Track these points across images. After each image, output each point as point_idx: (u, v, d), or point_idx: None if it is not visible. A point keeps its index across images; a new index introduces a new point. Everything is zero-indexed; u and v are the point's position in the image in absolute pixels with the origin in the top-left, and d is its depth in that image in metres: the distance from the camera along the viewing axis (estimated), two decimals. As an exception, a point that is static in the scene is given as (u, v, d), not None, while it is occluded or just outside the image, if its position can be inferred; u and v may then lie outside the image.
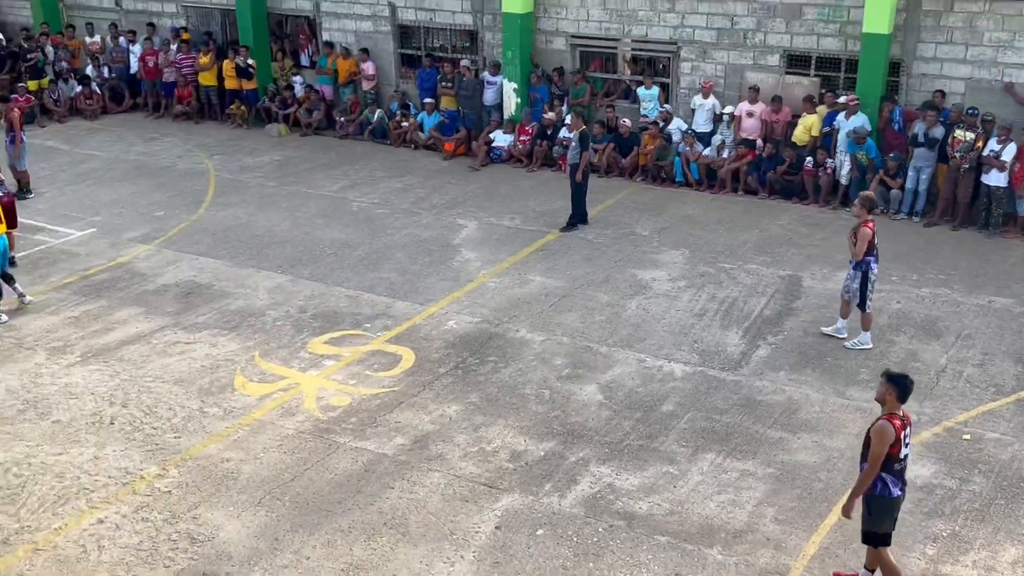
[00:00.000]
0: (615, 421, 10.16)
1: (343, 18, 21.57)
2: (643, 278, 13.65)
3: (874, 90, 16.33)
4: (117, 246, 14.87)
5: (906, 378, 7.26)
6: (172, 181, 18.04)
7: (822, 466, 9.38)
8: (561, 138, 18.33)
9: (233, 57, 21.65)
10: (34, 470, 9.39)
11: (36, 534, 8.51)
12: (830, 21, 16.96)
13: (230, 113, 21.84)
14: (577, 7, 19.02)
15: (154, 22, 23.46)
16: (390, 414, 10.32)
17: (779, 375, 11.06)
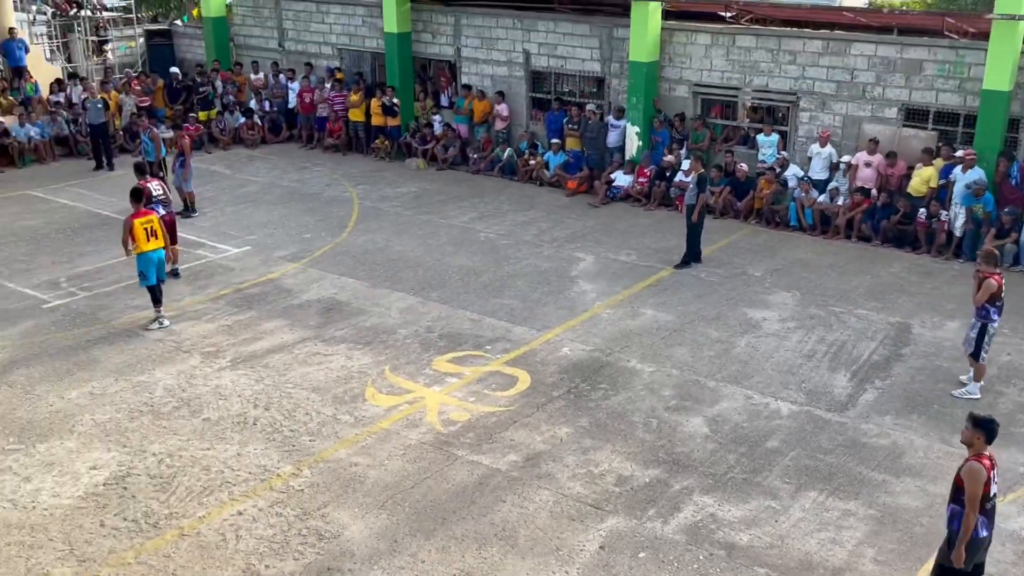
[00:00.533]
0: (720, 454, 9.95)
1: (481, 63, 21.92)
2: (753, 317, 13.37)
3: (992, 145, 15.72)
4: (268, 263, 15.36)
5: (992, 421, 7.12)
6: (320, 206, 18.57)
7: (924, 511, 8.98)
8: (678, 180, 18.19)
9: (380, 96, 22.24)
10: (184, 462, 9.74)
11: (182, 520, 8.81)
12: (950, 77, 16.43)
13: (375, 147, 22.40)
14: (701, 58, 18.89)
15: (311, 62, 24.30)
16: (505, 432, 10.34)
17: (885, 419, 10.66)
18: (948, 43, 16.43)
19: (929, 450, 10.01)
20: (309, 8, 24.74)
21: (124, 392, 11.16)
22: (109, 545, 8.47)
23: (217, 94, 24.07)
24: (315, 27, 24.74)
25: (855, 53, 17.28)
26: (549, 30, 20.74)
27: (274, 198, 18.94)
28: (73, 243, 16.20)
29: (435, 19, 22.39)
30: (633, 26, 18.90)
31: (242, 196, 19.15)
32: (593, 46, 20.21)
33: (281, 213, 18.01)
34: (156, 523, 8.77)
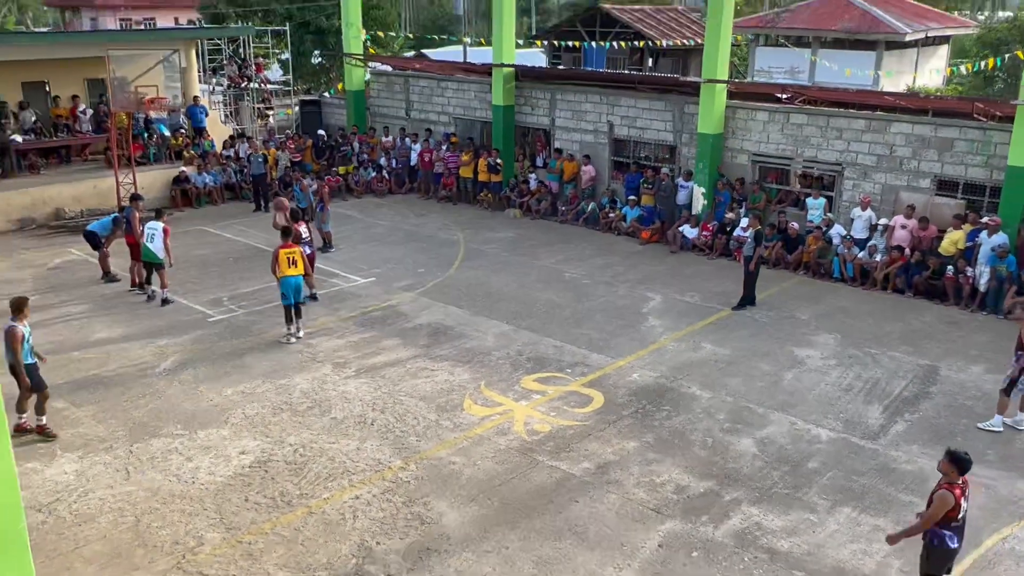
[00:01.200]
0: (766, 471, 9.67)
1: (571, 131, 22.02)
2: (799, 355, 13.00)
3: (1015, 214, 15.06)
4: (389, 292, 15.62)
5: (966, 460, 7.10)
6: (433, 247, 18.83)
7: (948, 532, 8.54)
8: (738, 235, 17.89)
9: (487, 157, 22.51)
10: (314, 452, 9.92)
11: (310, 500, 8.97)
12: (978, 153, 15.84)
13: (480, 199, 22.65)
14: (759, 132, 18.63)
15: (431, 128, 24.78)
16: (580, 443, 10.25)
17: (913, 448, 10.22)
18: (977, 125, 15.88)
19: (954, 478, 9.54)
20: (431, 84, 25.28)
21: (269, 392, 11.46)
22: (251, 517, 8.67)
23: (354, 152, 24.72)
24: (435, 100, 25.25)
25: (894, 131, 16.82)
26: (630, 105, 20.74)
27: (396, 239, 19.31)
28: (234, 269, 16.79)
29: (534, 95, 22.62)
30: (702, 104, 18.78)
31: (370, 236, 19.57)
32: (667, 119, 20.12)
33: (401, 251, 18.33)
34: (289, 501, 8.95)
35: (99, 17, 54.47)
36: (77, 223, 19.89)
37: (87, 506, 8.82)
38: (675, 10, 37.59)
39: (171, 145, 23.40)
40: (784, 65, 33.15)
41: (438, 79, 25.17)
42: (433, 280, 16.38)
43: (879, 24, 30.38)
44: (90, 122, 23.05)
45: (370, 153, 24.93)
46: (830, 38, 31.81)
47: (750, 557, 8.11)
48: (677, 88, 20.33)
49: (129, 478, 9.34)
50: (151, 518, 8.61)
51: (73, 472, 9.45)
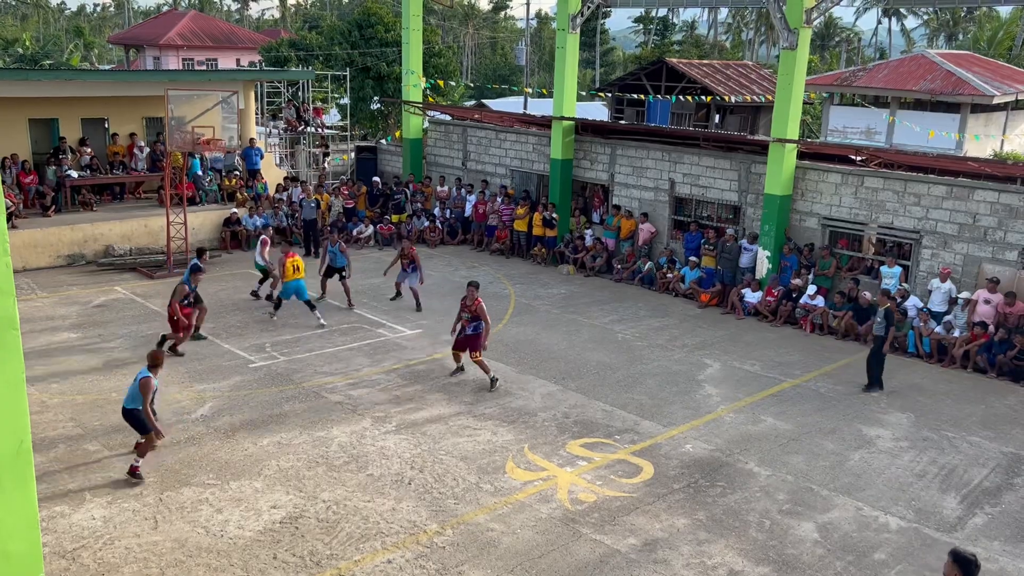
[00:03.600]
0: (828, 559, 9.30)
1: (631, 188, 22.08)
2: (868, 434, 12.59)
3: (1111, 292, 14.51)
4: (435, 345, 15.65)
5: (972, 563, 6.24)
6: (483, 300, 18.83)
7: (1031, 640, 8.07)
8: (804, 302, 17.59)
9: (542, 211, 22.67)
10: (347, 510, 9.86)
11: (340, 562, 8.88)
12: (1070, 225, 15.38)
13: (534, 253, 22.74)
14: (831, 194, 18.42)
15: (487, 179, 25.10)
16: (627, 516, 10.02)
17: (993, 544, 9.73)
18: (1071, 194, 15.45)
19: (1038, 580, 9.05)
20: (489, 135, 25.69)
21: (305, 444, 11.49)
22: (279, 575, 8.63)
23: (408, 200, 25.13)
24: (493, 151, 25.62)
25: (978, 199, 16.46)
26: (693, 163, 20.74)
27: (446, 290, 19.41)
28: (279, 315, 16.99)
29: (594, 149, 22.80)
30: (770, 164, 18.68)
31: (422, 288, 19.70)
32: (732, 178, 20.05)
33: (451, 303, 18.33)
34: (319, 561, 8.88)
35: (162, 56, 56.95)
36: (125, 261, 20.50)
37: (112, 555, 8.88)
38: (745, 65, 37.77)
39: (224, 186, 24.09)
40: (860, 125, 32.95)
41: (496, 130, 25.57)
42: (481, 335, 16.37)
43: (964, 85, 30.05)
44: (146, 160, 23.90)
45: (424, 203, 25.30)
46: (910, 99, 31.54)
47: (808, 654, 7.76)
48: (744, 146, 20.30)
49: (157, 527, 9.39)
50: (176, 571, 8.61)
51: (101, 518, 9.54)
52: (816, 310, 17.45)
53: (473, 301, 13.83)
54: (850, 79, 33.04)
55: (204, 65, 56.52)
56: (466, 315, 13.88)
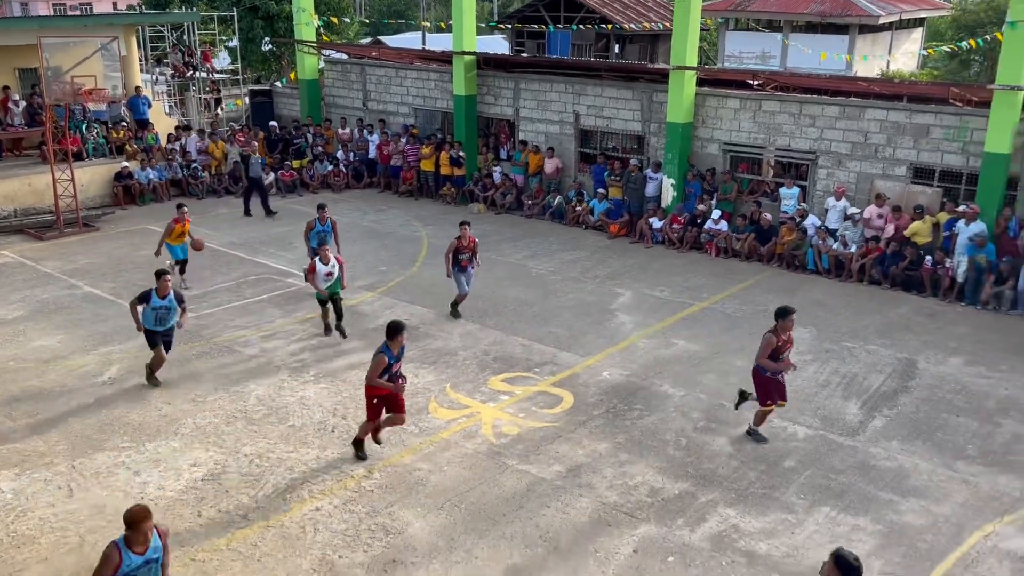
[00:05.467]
0: (742, 471, 9.78)
1: (536, 122, 22.07)
2: (774, 349, 13.15)
3: (993, 202, 15.40)
4: (348, 292, 15.47)
5: (855, 567, 5.72)
6: (394, 244, 18.76)
7: (928, 529, 8.73)
8: (708, 227, 18.08)
9: (448, 149, 22.49)
10: (271, 462, 9.82)
11: (268, 514, 8.88)
12: (954, 140, 16.16)
13: (443, 193, 22.62)
14: (730, 120, 18.82)
15: (385, 119, 24.66)
16: (550, 445, 10.29)
17: (892, 444, 10.40)
18: (953, 110, 16.20)
19: (933, 473, 9.74)
20: (389, 74, 25.18)
21: (222, 400, 11.33)
22: (205, 532, 8.57)
23: (309, 145, 24.52)
24: (394, 89, 25.14)
25: (869, 118, 17.10)
26: (596, 94, 20.83)
27: (355, 236, 19.18)
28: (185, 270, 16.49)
29: (497, 84, 22.62)
30: (671, 92, 18.92)
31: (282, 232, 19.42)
32: (635, 108, 20.25)
33: (361, 249, 18.22)
34: (246, 515, 8.85)
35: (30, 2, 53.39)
36: (11, 223, 19.49)
37: (26, 527, 8.64)
38: (642, -7, 37.74)
39: (112, 139, 23.01)
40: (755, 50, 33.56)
41: (396, 68, 25.07)
42: (395, 278, 16.32)
43: (852, 7, 30.87)
44: (23, 115, 22.56)
45: (325, 146, 24.75)
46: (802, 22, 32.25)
47: (727, 561, 8.20)
48: (645, 75, 20.47)
49: (72, 495, 9.17)
50: (97, 537, 8.44)
51: (10, 491, 9.25)
52: (720, 234, 17.97)
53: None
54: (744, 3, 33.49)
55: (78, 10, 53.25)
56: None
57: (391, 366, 9.34)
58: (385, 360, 9.24)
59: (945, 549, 8.38)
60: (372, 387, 9.48)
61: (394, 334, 9.27)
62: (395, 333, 9.27)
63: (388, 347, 9.30)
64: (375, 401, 9.60)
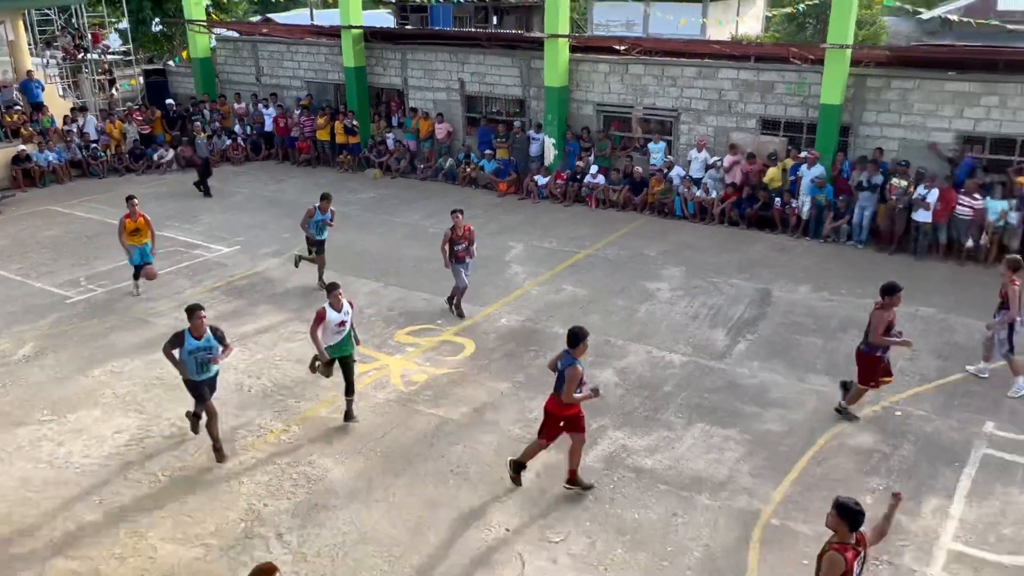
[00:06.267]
0: (627, 397, 10.10)
1: (424, 90, 21.70)
2: (650, 288, 13.55)
3: (829, 147, 16.12)
4: (255, 260, 15.06)
5: (858, 512, 5.40)
6: (295, 211, 18.13)
7: (787, 435, 9.25)
8: (587, 181, 18.31)
9: (342, 119, 21.90)
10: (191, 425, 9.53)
11: (193, 472, 8.64)
12: (795, 95, 16.78)
13: (339, 161, 22.07)
14: (602, 83, 18.98)
15: (276, 92, 23.77)
16: (456, 389, 10.35)
17: (754, 364, 10.92)
18: (793, 68, 16.78)
19: (788, 387, 10.29)
20: (280, 49, 24.21)
21: (139, 369, 10.87)
22: (132, 494, 8.29)
23: (207, 121, 23.43)
24: (286, 64, 24.21)
25: (722, 77, 17.54)
26: (479, 62, 20.62)
27: (257, 206, 18.57)
28: (89, 248, 15.69)
29: (385, 55, 22.09)
30: (546, 58, 18.91)
31: (230, 205, 18.73)
32: (515, 75, 20.16)
33: (264, 218, 17.67)
34: (171, 475, 8.60)
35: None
36: (-94, 211, 17.98)
37: (-48, 504, 8.15)
38: (516, -33, 37.37)
39: (6, 123, 21.38)
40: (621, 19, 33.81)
41: (287, 43, 24.12)
42: (299, 244, 15.87)
43: (703, -23, 31.38)
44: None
45: (222, 121, 23.69)
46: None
47: (619, 477, 8.50)
48: (522, 43, 20.37)
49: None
50: (25, 509, 8.06)
51: (-68, 471, 8.69)
52: (598, 188, 18.24)
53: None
54: (608, -25, 33.60)
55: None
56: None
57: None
58: (579, 371, 7.73)
59: (801, 450, 8.92)
60: (568, 405, 7.88)
61: (579, 341, 7.77)
62: (580, 340, 7.77)
63: (573, 356, 7.75)
64: (562, 424, 8.02)
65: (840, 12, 15.63)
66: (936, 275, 14.03)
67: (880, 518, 5.78)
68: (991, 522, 7.72)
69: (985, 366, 10.43)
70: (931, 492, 8.16)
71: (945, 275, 14.05)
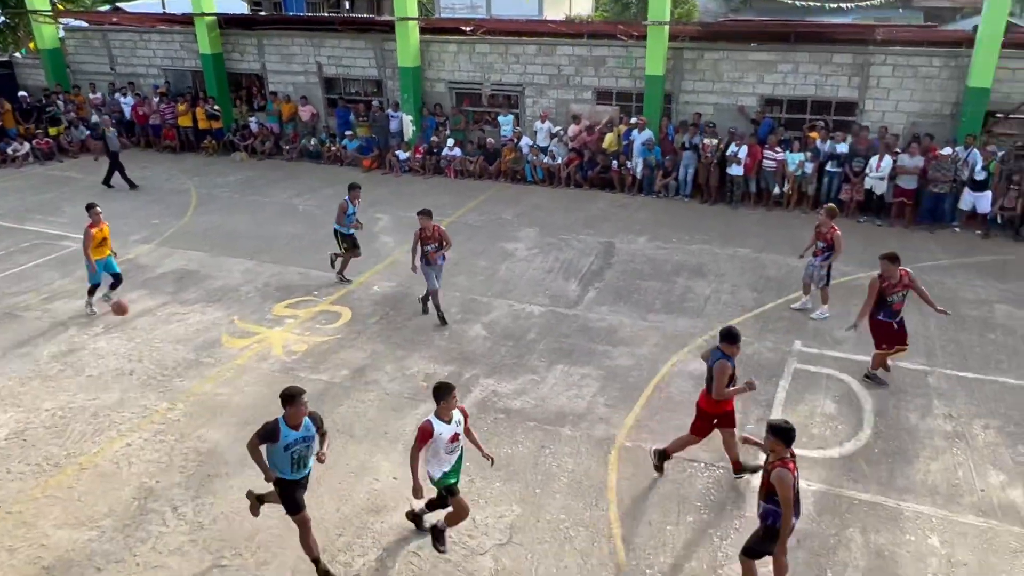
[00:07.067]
0: (494, 348, 10.22)
1: (283, 74, 20.75)
2: (509, 248, 13.69)
3: (655, 113, 16.73)
4: (125, 247, 14.02)
5: (789, 430, 5.55)
6: (163, 197, 17.12)
7: (634, 367, 9.66)
8: (445, 154, 18.18)
9: (203, 105, 20.62)
10: (74, 412, 8.86)
11: (80, 457, 8.06)
12: (624, 68, 17.25)
13: (204, 146, 20.81)
14: (452, 62, 18.79)
15: (132, 81, 22.05)
16: (336, 354, 10.13)
17: (603, 309, 11.30)
18: (621, 43, 17.22)
19: (633, 326, 10.74)
20: (133, 38, 22.38)
21: (12, 363, 9.96)
22: (17, 487, 7.64)
23: (62, 112, 21.42)
24: (141, 52, 22.44)
25: (560, 53, 17.77)
26: (334, 46, 19.90)
27: (123, 194, 17.28)
28: None
29: (241, 41, 20.89)
30: (398, 40, 18.50)
31: (95, 195, 17.27)
32: (370, 56, 19.61)
33: (131, 205, 16.46)
34: (57, 463, 7.98)
35: None
36: None
37: None
38: (363, -46, 36.09)
39: None
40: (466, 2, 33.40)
41: (140, 32, 22.32)
42: (169, 229, 14.96)
43: (537, -38, 31.45)
44: None
45: (78, 112, 21.73)
46: (500, -25, 32.44)
47: (492, 419, 8.63)
48: (375, 27, 19.80)
49: None
50: (-101, 514, 7.27)
51: None
52: (455, 159, 18.16)
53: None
54: (451, -39, 33.03)
55: None
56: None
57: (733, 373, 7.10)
58: (729, 367, 7.01)
59: (647, 379, 9.37)
60: (719, 401, 7.14)
61: (734, 341, 7.01)
62: (735, 340, 7.02)
63: (724, 353, 7.03)
64: (715, 422, 7.30)
65: (657, -8, 16.13)
66: (749, 220, 14.96)
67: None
68: (803, 424, 8.42)
69: (807, 300, 10.97)
70: (755, 404, 8.78)
71: (756, 220, 15.01)
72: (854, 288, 11.49)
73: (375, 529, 7.08)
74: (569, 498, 7.41)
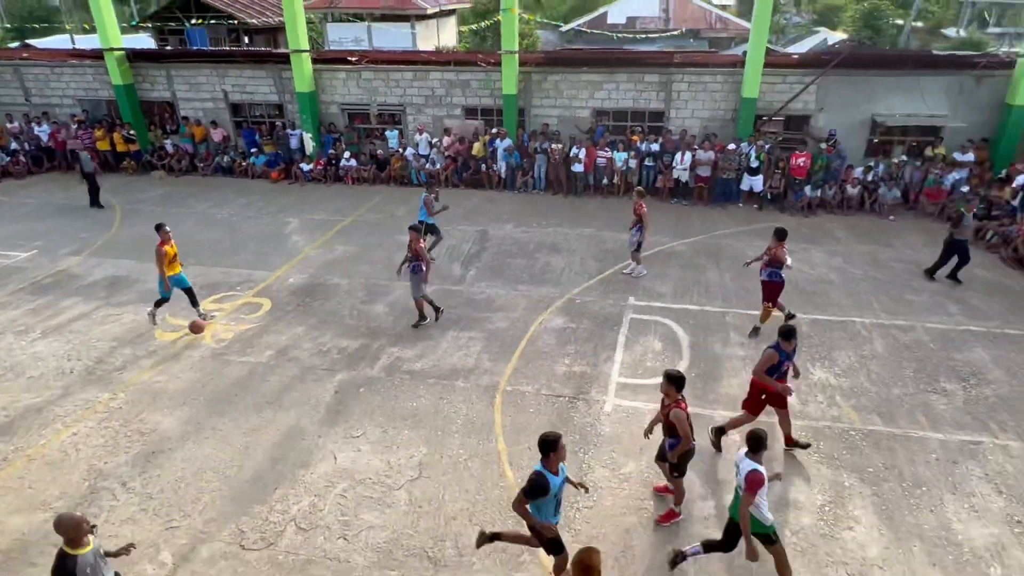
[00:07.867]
0: (398, 322, 10.08)
1: (193, 101, 19.20)
2: (402, 240, 13.35)
3: (512, 125, 16.85)
4: (56, 260, 12.65)
5: (680, 376, 5.70)
6: (89, 213, 15.49)
7: (509, 328, 9.80)
8: (343, 165, 17.54)
9: (119, 130, 18.75)
10: (18, 411, 7.97)
11: (27, 450, 7.29)
12: (485, 88, 17.24)
13: (123, 167, 18.97)
14: (342, 87, 18.07)
15: (47, 112, 19.73)
16: (260, 339, 9.65)
17: (482, 284, 11.36)
18: (482, 70, 17.17)
19: (507, 296, 10.87)
20: (45, 71, 19.93)
21: (-49, 374, 8.80)
22: (-33, 484, 6.81)
23: (-22, 141, 18.84)
24: (54, 85, 20.03)
25: (433, 78, 17.49)
26: (238, 75, 18.60)
27: (49, 213, 15.51)
28: None
29: (152, 73, 19.11)
30: (294, 70, 17.54)
31: (22, 215, 15.43)
32: (270, 84, 18.49)
33: (58, 223, 14.81)
34: (5, 457, 7.17)
35: None
36: None
37: None
38: (257, -5, 33.77)
39: None
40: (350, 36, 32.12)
41: (51, 66, 19.90)
42: (97, 242, 13.60)
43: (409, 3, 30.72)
44: None
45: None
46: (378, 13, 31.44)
47: (398, 380, 8.54)
48: (272, 58, 18.67)
49: None
50: None
51: None
52: (352, 169, 17.56)
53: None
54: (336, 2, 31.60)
55: None
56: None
57: (782, 363, 6.62)
58: (776, 356, 6.55)
59: (520, 336, 9.55)
60: (759, 381, 6.72)
61: (791, 336, 6.56)
62: (791, 336, 6.55)
63: (780, 346, 6.59)
64: (763, 396, 6.82)
65: (507, 28, 16.18)
66: (590, 207, 15.46)
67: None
68: (638, 360, 8.90)
69: (634, 266, 11.44)
70: (603, 348, 9.18)
71: (596, 206, 15.53)
72: (670, 254, 12.18)
73: (306, 480, 6.87)
74: (465, 436, 7.49)
